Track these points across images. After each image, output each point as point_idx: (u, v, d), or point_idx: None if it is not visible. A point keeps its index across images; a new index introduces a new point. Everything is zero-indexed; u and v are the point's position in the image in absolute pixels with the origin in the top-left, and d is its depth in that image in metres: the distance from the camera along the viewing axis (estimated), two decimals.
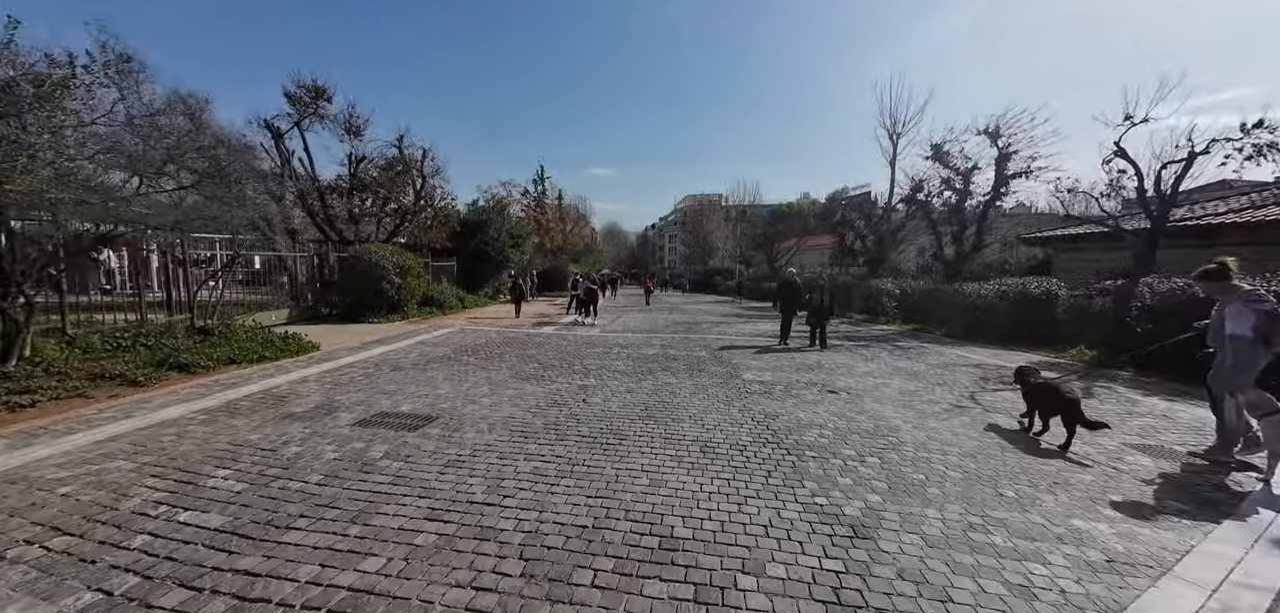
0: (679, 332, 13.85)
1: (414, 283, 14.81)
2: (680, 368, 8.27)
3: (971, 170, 17.45)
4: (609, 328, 14.44)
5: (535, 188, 47.63)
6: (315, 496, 3.33)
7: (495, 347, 10.24)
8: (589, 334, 12.77)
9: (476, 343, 10.68)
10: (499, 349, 9.91)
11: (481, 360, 8.64)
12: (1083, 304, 11.29)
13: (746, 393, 6.63)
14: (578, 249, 52.51)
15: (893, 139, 22.65)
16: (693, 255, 67.29)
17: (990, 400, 6.63)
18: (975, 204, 17.14)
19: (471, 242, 25.22)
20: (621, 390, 6.60)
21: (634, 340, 11.69)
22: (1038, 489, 3.76)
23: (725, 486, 3.65)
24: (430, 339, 11.00)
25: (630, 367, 8.27)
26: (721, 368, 8.36)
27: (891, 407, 6.13)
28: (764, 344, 11.54)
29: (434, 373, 7.44)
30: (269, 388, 6.25)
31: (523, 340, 11.27)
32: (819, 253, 43.25)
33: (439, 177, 25.08)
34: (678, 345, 10.98)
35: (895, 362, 9.52)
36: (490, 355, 9.19)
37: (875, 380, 7.66)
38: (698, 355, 9.63)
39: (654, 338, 12.26)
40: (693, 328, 15.12)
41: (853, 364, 8.95)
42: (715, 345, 11.10)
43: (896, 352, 10.79)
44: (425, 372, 7.50)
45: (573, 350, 9.95)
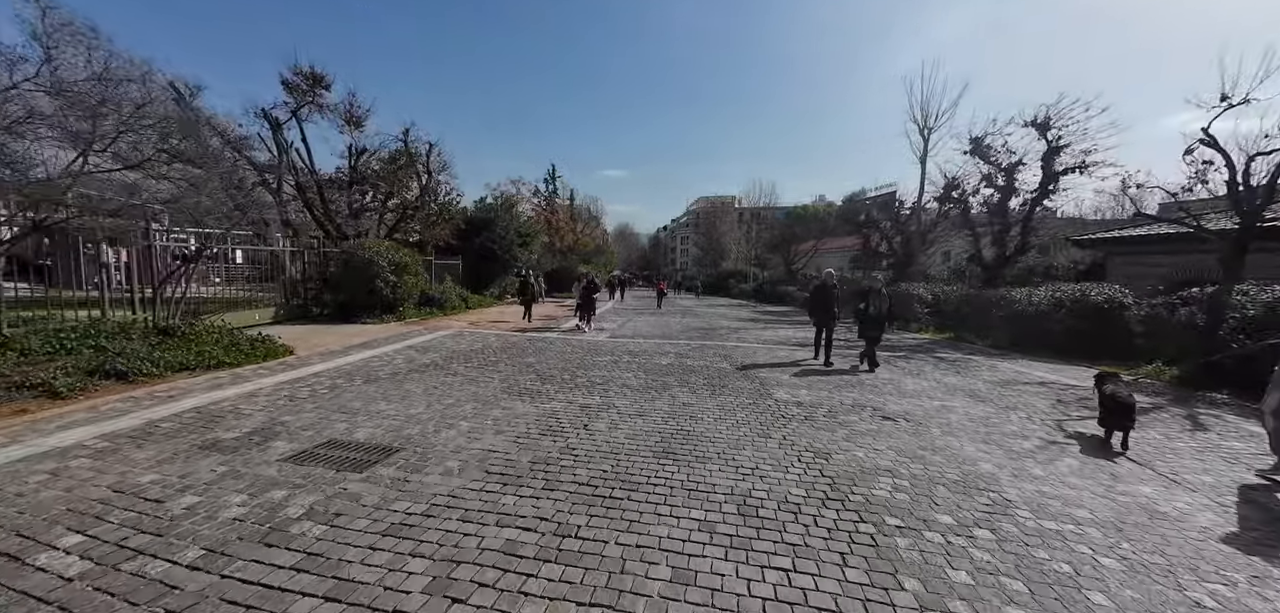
0: (694, 338, 12.67)
1: (411, 282, 13.83)
2: (699, 383, 7.09)
3: (1015, 166, 15.99)
4: (619, 333, 13.31)
5: (546, 187, 46.85)
6: (170, 593, 2.23)
7: (492, 353, 9.17)
8: (596, 340, 11.65)
9: (471, 348, 9.62)
10: (495, 356, 8.83)
11: (472, 370, 7.56)
12: (1162, 314, 9.86)
13: (783, 418, 5.44)
14: (588, 250, 51.57)
15: (923, 134, 21.26)
16: (705, 258, 65.95)
17: (1084, 431, 5.35)
18: (1021, 202, 15.67)
19: (477, 240, 24.31)
20: (631, 413, 5.44)
21: (645, 348, 10.53)
22: (1236, 585, 2.52)
23: (783, 584, 2.47)
24: (421, 343, 9.97)
25: (642, 381, 7.11)
26: (748, 384, 7.17)
27: (969, 441, 4.89)
28: (791, 355, 10.30)
29: (413, 386, 6.37)
30: (207, 404, 5.22)
31: (523, 346, 10.18)
32: (839, 255, 41.72)
33: (446, 172, 24.23)
34: (694, 355, 9.80)
35: (944, 377, 8.24)
36: (484, 364, 8.10)
37: (933, 402, 6.40)
38: (718, 368, 8.44)
39: (667, 346, 11.09)
40: (709, 334, 13.92)
41: (898, 380, 7.69)
42: (737, 355, 9.89)
43: (941, 365, 9.48)
44: (403, 384, 6.42)
45: (577, 360, 8.83)
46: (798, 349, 11.14)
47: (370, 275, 12.53)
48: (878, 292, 9.30)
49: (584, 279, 14.58)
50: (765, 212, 48.87)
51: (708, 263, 62.26)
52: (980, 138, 16.45)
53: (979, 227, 17.19)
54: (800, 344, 12.10)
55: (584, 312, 13.62)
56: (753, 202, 50.58)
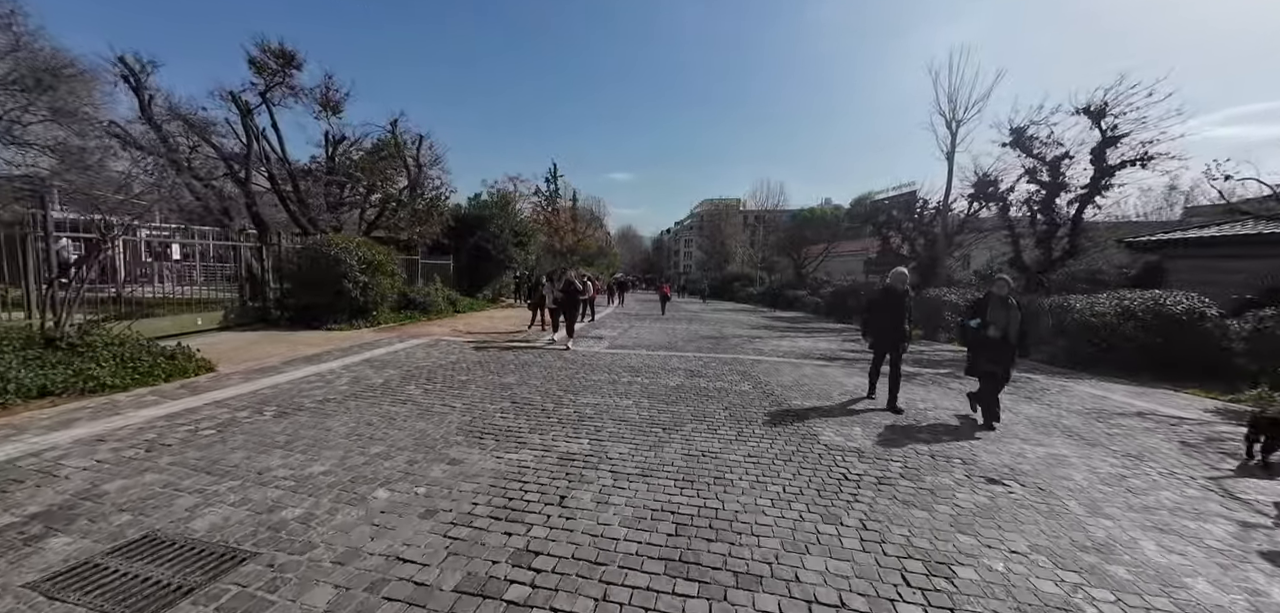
0: (705, 349, 11.05)
1: (387, 282, 12.27)
2: (720, 417, 5.48)
3: (1062, 159, 14.33)
4: (619, 342, 11.70)
5: (548, 186, 45.42)
6: None
7: (464, 370, 7.58)
8: (593, 353, 10.05)
9: (441, 364, 8.04)
10: (468, 374, 7.24)
11: (431, 395, 5.97)
12: (1273, 329, 8.20)
13: (848, 480, 3.82)
14: (590, 251, 50.06)
15: (951, 127, 19.56)
16: (709, 261, 64.38)
17: (1260, 496, 3.72)
18: (1070, 200, 14.00)
19: (471, 239, 22.81)
20: (631, 471, 3.84)
21: (649, 362, 8.93)
22: None
23: None
24: (382, 356, 8.39)
25: (645, 414, 5.50)
26: (784, 414, 5.55)
27: (1135, 527, 3.28)
28: (821, 375, 8.67)
29: (339, 422, 4.78)
30: (23, 455, 3.64)
31: (505, 361, 8.59)
32: (851, 259, 40.02)
33: (438, 167, 22.80)
34: (707, 372, 8.18)
35: (1018, 405, 6.60)
36: (449, 385, 6.52)
37: (1033, 449, 4.75)
38: (739, 391, 6.82)
39: (674, 359, 9.48)
40: (720, 343, 12.30)
41: (966, 409, 6.07)
42: (757, 372, 8.27)
43: (1009, 389, 7.82)
44: (327, 420, 4.84)
45: (567, 380, 7.23)
46: (827, 365, 9.51)
47: (337, 275, 10.97)
48: (1004, 301, 5.71)
49: (561, 278, 11.07)
50: (771, 215, 47.17)
51: (712, 266, 60.70)
52: (1022, 128, 14.80)
53: (1019, 227, 15.53)
54: (827, 357, 10.46)
55: (563, 320, 10.49)
56: (759, 203, 48.88)
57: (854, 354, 11.33)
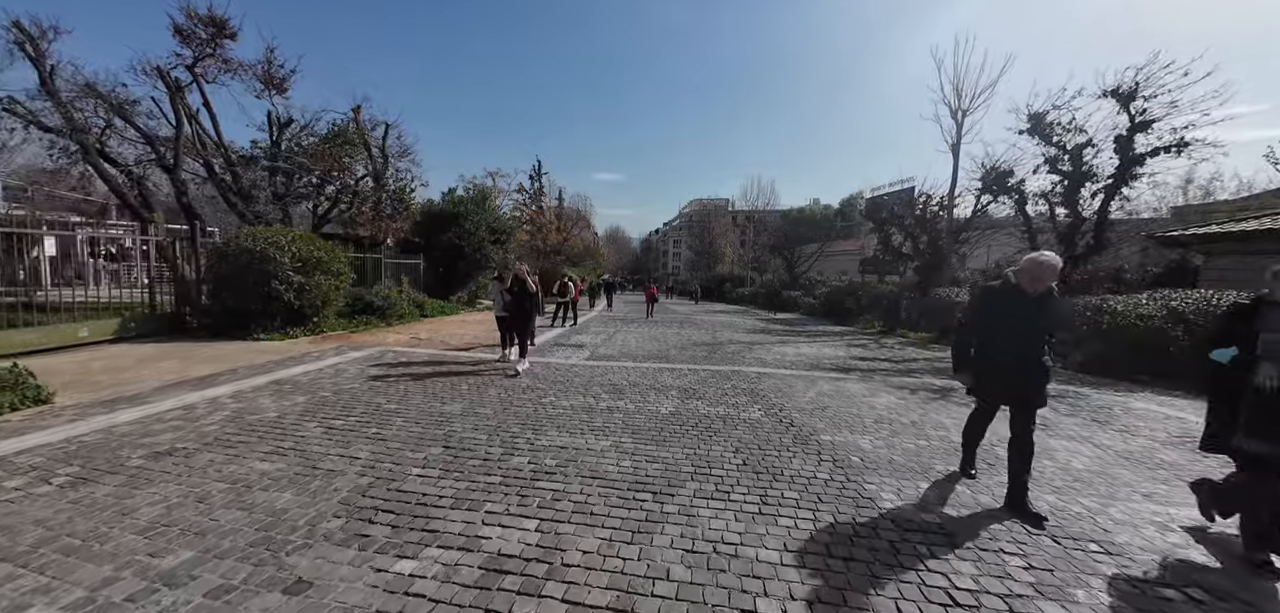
0: (700, 359, 9.55)
1: (329, 283, 10.53)
2: (730, 463, 3.98)
3: (1083, 147, 13.16)
4: (602, 353, 10.15)
5: (531, 183, 43.66)
6: None
7: (395, 395, 5.96)
8: (570, 364, 8.48)
9: (368, 387, 6.40)
10: (396, 402, 5.63)
11: (329, 440, 4.36)
12: None
13: (949, 606, 2.33)
14: (576, 251, 48.41)
15: (957, 117, 18.42)
16: (698, 262, 63.28)
17: None
18: (1094, 192, 12.82)
19: (443, 237, 21.04)
20: (599, 605, 2.29)
21: (636, 378, 7.39)
22: None
23: None
24: (293, 377, 6.72)
25: (627, 465, 3.96)
26: (814, 466, 4.05)
27: None
28: (834, 388, 7.21)
29: (151, 497, 3.16)
30: None
31: (456, 382, 6.99)
32: (844, 259, 39.01)
33: (408, 159, 21.05)
34: (707, 391, 6.67)
35: (1094, 434, 5.20)
36: (365, 419, 4.90)
37: (1157, 509, 3.32)
38: (749, 421, 5.32)
39: (666, 374, 7.96)
40: (716, 351, 10.83)
41: (1042, 442, 4.64)
42: (766, 391, 6.77)
43: (1064, 406, 6.44)
44: (140, 491, 3.21)
45: (529, 407, 5.67)
46: (842, 379, 8.06)
47: (264, 274, 9.23)
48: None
49: (509, 279, 8.00)
50: (759, 215, 46.02)
51: (702, 267, 59.57)
52: (1041, 114, 13.61)
53: (1038, 221, 14.35)
54: (839, 368, 9.02)
55: (512, 335, 8.02)
56: (750, 202, 47.76)
57: (868, 362, 9.92)
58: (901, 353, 12.19)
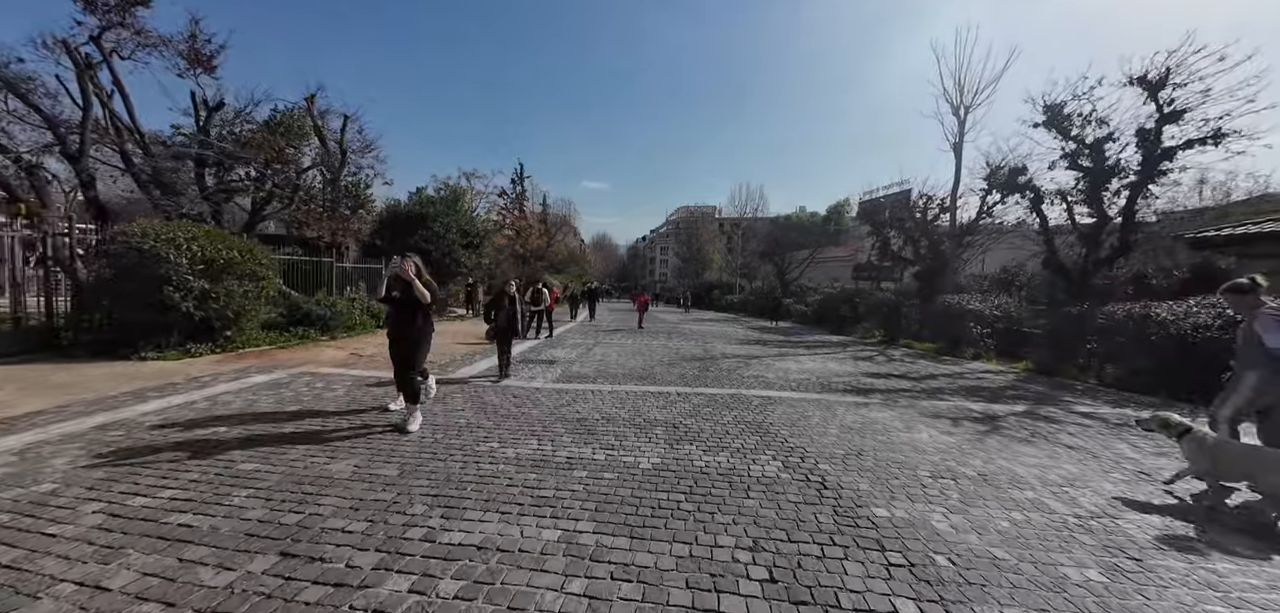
0: (691, 376, 8.02)
1: (244, 290, 8.76)
2: (747, 564, 2.46)
3: (1105, 141, 12.06)
4: (575, 371, 8.56)
5: (514, 187, 41.97)
6: None
7: (269, 444, 4.30)
8: (532, 388, 6.88)
9: (237, 430, 4.72)
10: (261, 460, 3.97)
11: (79, 547, 2.70)
12: None
13: None
14: (560, 258, 46.75)
15: (959, 114, 17.35)
16: (686, 268, 62.03)
17: None
18: (1119, 187, 11.69)
19: (409, 240, 19.25)
20: None
21: (612, 409, 5.81)
22: None
23: None
24: (140, 415, 5.00)
25: (580, 588, 2.39)
26: (909, 585, 2.54)
27: None
28: (861, 420, 5.72)
29: None
30: None
31: (370, 421, 5.34)
32: (835, 265, 38.00)
33: (371, 155, 19.27)
34: (703, 429, 5.12)
35: None
36: (185, 494, 3.25)
37: None
38: (765, 478, 3.79)
39: (650, 402, 6.41)
40: (709, 367, 9.32)
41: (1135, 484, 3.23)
42: (773, 422, 5.26)
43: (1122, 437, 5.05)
44: None
45: (455, 465, 4.07)
46: (864, 405, 6.59)
47: (154, 279, 7.45)
48: None
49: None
50: (748, 222, 44.89)
51: (689, 274, 58.36)
52: (1058, 105, 12.49)
53: (1053, 224, 13.20)
54: (856, 390, 7.54)
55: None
56: (739, 207, 46.65)
57: (884, 381, 8.49)
58: (914, 367, 10.84)
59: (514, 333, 7.37)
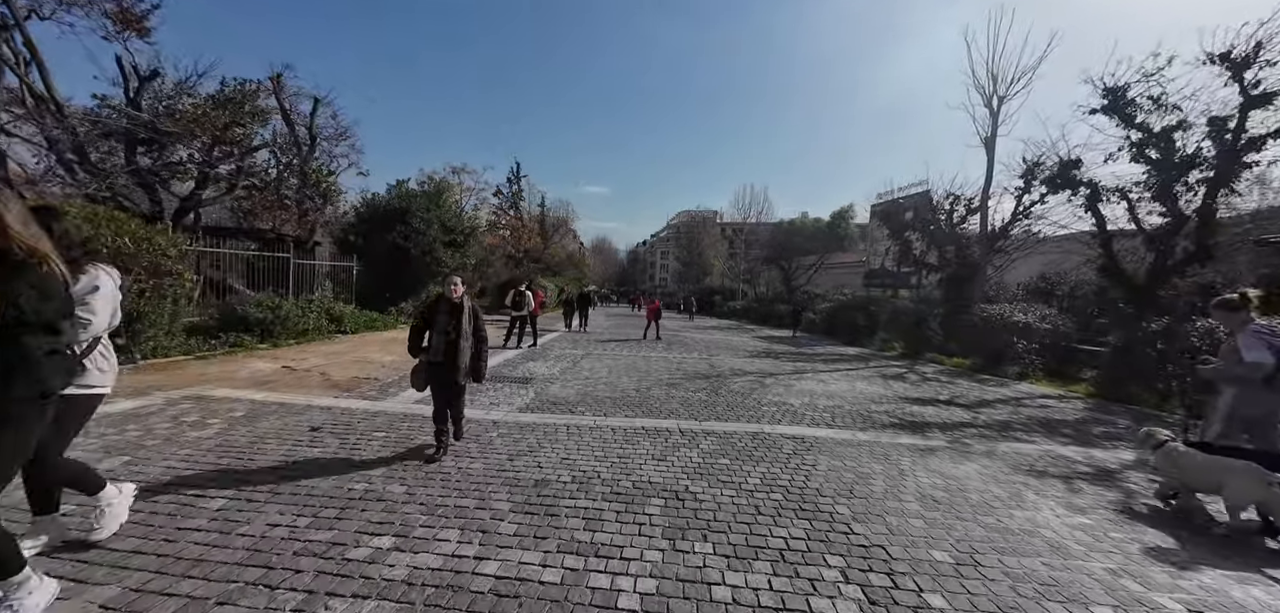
0: (699, 404, 6.30)
1: (138, 289, 7.04)
2: None
3: (1175, 129, 10.42)
4: (551, 394, 6.86)
5: (509, 187, 40.39)
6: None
7: None
8: (490, 419, 5.17)
9: None
10: None
11: None
12: None
13: None
14: (557, 260, 45.11)
15: (991, 105, 15.69)
16: (686, 273, 60.42)
17: None
18: (1197, 182, 10.03)
19: (386, 236, 17.58)
20: None
21: (591, 459, 4.11)
22: None
23: None
24: None
25: None
26: None
27: None
28: (934, 475, 4.00)
29: None
30: None
31: (187, 509, 3.63)
32: (842, 272, 36.35)
33: (345, 143, 17.64)
34: (724, 499, 3.41)
35: None
36: None
37: None
38: None
39: (644, 449, 4.70)
40: (719, 388, 7.59)
41: None
42: (821, 489, 3.56)
43: None
44: None
45: (313, 570, 2.33)
46: (930, 452, 4.88)
47: None
48: None
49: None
50: (752, 228, 43.23)
51: (689, 279, 56.80)
52: (1120, 88, 10.86)
53: (1112, 225, 11.53)
54: (907, 426, 5.82)
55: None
56: (743, 211, 44.95)
57: (934, 409, 6.72)
58: (957, 389, 9.17)
59: (456, 379, 3.99)
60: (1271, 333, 3.73)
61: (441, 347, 3.94)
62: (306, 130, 16.32)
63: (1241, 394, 3.80)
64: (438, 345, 3.96)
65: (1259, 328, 3.79)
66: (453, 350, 3.94)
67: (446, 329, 3.95)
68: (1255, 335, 3.76)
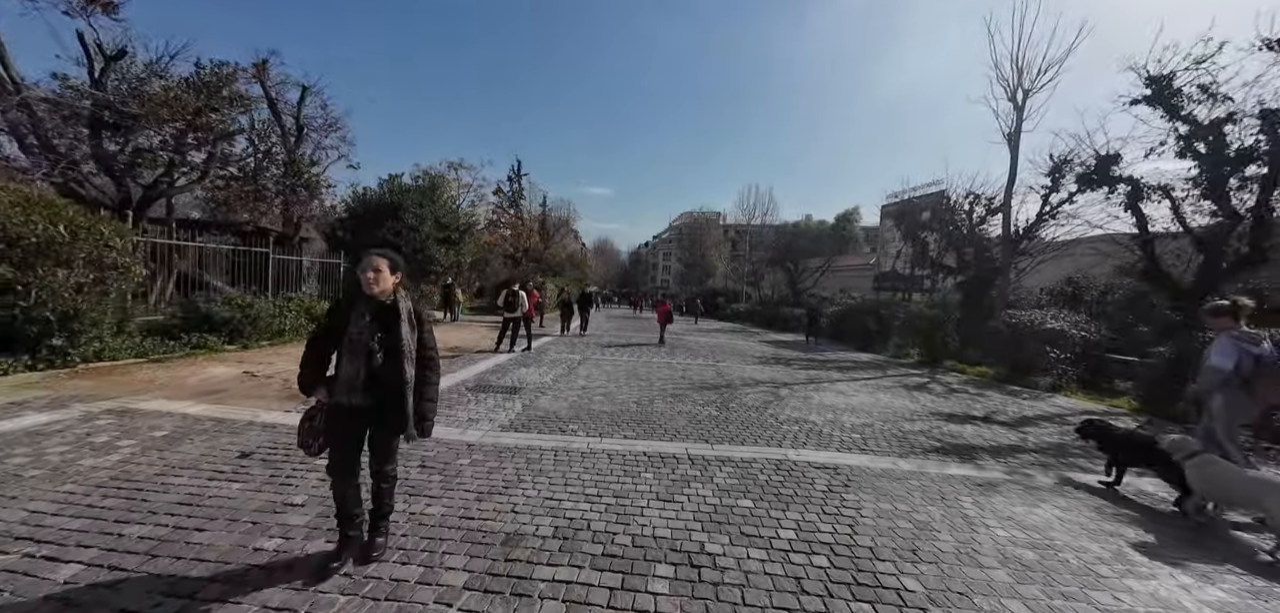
0: (709, 422, 5.45)
1: (76, 283, 6.26)
2: None
3: (1225, 122, 9.55)
4: (540, 408, 6.03)
5: (510, 185, 39.63)
6: None
7: None
8: (464, 441, 4.35)
9: None
10: None
11: None
12: None
13: None
14: (558, 260, 44.30)
15: (1016, 99, 14.83)
16: (689, 275, 59.65)
17: None
18: (1258, 176, 9.15)
19: (377, 232, 16.81)
20: None
21: (581, 491, 3.28)
22: None
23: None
24: None
25: None
26: None
27: None
28: (1011, 528, 3.15)
29: None
30: None
31: None
32: (849, 275, 35.49)
33: (335, 134, 16.89)
34: (747, 556, 2.58)
35: None
36: None
37: None
38: None
39: (646, 476, 3.87)
40: (728, 400, 6.73)
41: None
42: (880, 547, 2.72)
43: None
44: None
45: None
46: (990, 487, 4.04)
47: None
48: None
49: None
50: (756, 229, 42.34)
51: (692, 280, 56.02)
52: (1166, 77, 9.99)
53: (1154, 226, 10.64)
54: (954, 452, 4.95)
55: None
56: (747, 212, 44.01)
57: (973, 428, 5.84)
58: (990, 402, 8.34)
59: (385, 437, 2.48)
60: (1249, 341, 3.75)
61: (359, 377, 2.28)
62: (293, 120, 15.56)
63: (1231, 397, 3.78)
64: (352, 375, 2.28)
65: (1233, 335, 3.79)
66: (380, 385, 2.31)
67: (369, 347, 2.30)
68: (1227, 342, 3.77)
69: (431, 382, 2.51)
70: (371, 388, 2.31)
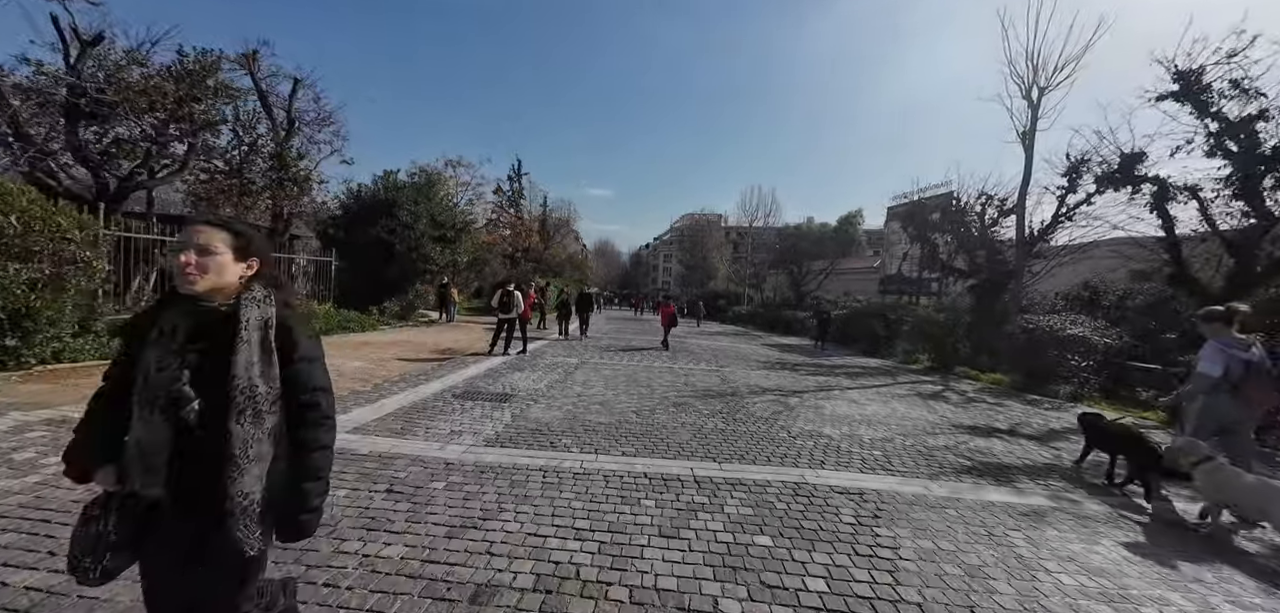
0: (711, 433, 4.95)
1: (29, 278, 5.77)
2: None
3: (1257, 118, 9.06)
4: (530, 419, 5.54)
5: (510, 185, 39.18)
6: None
7: None
8: (442, 458, 3.86)
9: None
10: None
11: None
12: None
13: None
14: (558, 260, 43.84)
15: (1031, 97, 14.32)
16: (690, 277, 59.15)
17: None
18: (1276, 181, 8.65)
19: (371, 230, 16.35)
20: None
21: (569, 522, 2.78)
22: None
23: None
24: None
25: None
26: None
27: None
28: (1091, 593, 2.64)
29: None
30: None
31: None
32: (853, 279, 34.99)
33: (328, 129, 16.44)
34: None
35: None
36: None
37: None
38: None
39: (646, 503, 3.37)
40: (735, 410, 6.21)
41: None
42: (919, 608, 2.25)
43: None
44: None
45: None
46: (1037, 519, 3.52)
47: None
48: None
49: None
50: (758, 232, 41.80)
51: (693, 282, 55.54)
52: (1195, 72, 9.50)
53: (1181, 228, 10.13)
54: (986, 472, 4.43)
55: None
56: (749, 214, 43.43)
57: (1005, 444, 5.31)
58: (1011, 413, 7.84)
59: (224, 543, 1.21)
60: (1239, 347, 3.74)
61: (160, 448, 1.19)
62: (284, 113, 15.10)
63: (1210, 402, 3.80)
64: (150, 443, 1.18)
65: (1222, 342, 3.78)
66: (195, 465, 1.21)
67: (173, 392, 1.20)
68: (1215, 348, 3.77)
69: (314, 451, 1.37)
70: (183, 471, 1.21)
